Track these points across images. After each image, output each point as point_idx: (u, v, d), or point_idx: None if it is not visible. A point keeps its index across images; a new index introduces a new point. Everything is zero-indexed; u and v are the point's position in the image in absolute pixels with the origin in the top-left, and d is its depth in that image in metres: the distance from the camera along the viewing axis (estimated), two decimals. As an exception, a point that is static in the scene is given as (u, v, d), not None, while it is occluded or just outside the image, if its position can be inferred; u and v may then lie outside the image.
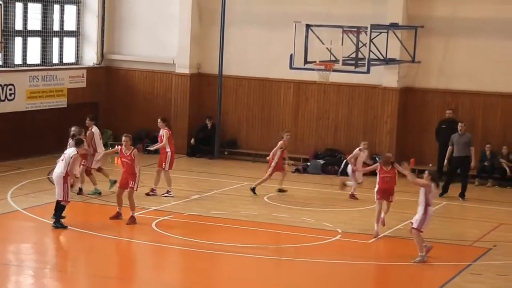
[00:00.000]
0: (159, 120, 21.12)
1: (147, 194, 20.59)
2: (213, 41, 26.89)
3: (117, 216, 18.47)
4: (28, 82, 25.08)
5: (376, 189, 18.00)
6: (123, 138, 18.72)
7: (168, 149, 20.82)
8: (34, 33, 26.15)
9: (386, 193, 17.99)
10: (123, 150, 18.55)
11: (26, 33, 25.84)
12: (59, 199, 17.56)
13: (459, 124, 22.30)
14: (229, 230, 18.47)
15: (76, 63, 27.72)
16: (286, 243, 17.53)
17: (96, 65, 27.85)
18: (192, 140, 26.91)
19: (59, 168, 17.65)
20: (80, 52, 27.84)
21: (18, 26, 25.54)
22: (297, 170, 25.06)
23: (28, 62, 25.91)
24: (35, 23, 26.26)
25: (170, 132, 21.07)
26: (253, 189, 21.23)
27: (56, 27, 26.88)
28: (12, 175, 22.70)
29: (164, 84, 27.68)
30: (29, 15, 25.96)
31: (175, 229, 18.13)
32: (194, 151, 26.98)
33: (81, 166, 20.20)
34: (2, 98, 24.20)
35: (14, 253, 16.35)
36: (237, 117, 27.18)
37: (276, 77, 26.37)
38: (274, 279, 15.18)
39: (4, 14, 24.41)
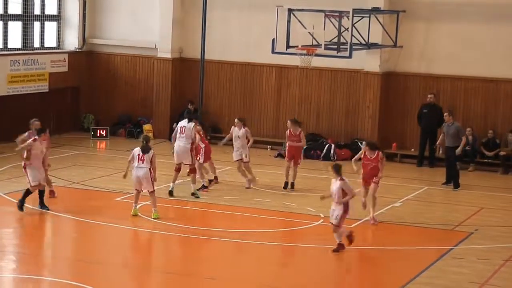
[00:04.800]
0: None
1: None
2: (195, 25, 26.69)
3: None
4: (9, 66, 24.84)
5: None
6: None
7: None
8: (15, 17, 25.88)
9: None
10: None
11: (6, 17, 25.55)
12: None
13: (444, 113, 21.84)
14: (211, 214, 18.41)
15: (58, 47, 27.47)
16: (268, 228, 17.45)
17: (77, 50, 27.61)
18: (174, 125, 26.72)
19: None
20: (62, 36, 27.59)
21: (-1, 10, 25.30)
22: (279, 155, 24.95)
23: (9, 46, 25.65)
24: (15, 7, 25.98)
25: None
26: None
27: (37, 11, 26.61)
28: (-7, 160, 22.49)
29: (146, 68, 27.50)
30: (9, -2, 25.73)
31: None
32: (176, 135, 26.79)
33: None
34: (-16, 82, 24.02)
35: (-5, 238, 16.22)
36: (219, 101, 27.04)
37: (258, 61, 26.25)
38: (255, 264, 15.11)
39: (-16, -2, 24.17)
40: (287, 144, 21.08)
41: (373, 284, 14.77)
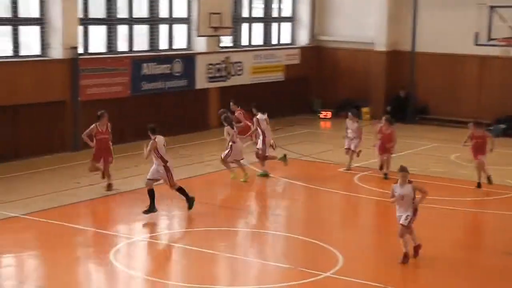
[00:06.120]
0: None
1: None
2: (406, 22, 26.35)
3: None
4: (253, 60, 25.73)
5: None
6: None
7: None
8: (256, 20, 26.75)
9: None
10: None
11: (251, 20, 26.48)
12: None
13: None
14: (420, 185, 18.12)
15: (292, 43, 28.09)
16: (470, 197, 16.97)
17: (307, 45, 28.08)
18: (389, 108, 26.60)
19: None
20: (295, 34, 28.18)
21: (245, 13, 26.23)
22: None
23: (252, 43, 26.57)
24: (257, 11, 26.89)
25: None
26: None
27: (275, 14, 27.37)
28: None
29: (365, 60, 27.45)
30: (253, 4, 26.61)
31: (372, 183, 18.01)
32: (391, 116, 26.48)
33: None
34: (233, 73, 25.03)
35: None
36: (428, 88, 26.54)
37: (462, 52, 25.49)
38: (461, 228, 14.77)
39: (235, 3, 25.17)
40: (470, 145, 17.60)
41: None
